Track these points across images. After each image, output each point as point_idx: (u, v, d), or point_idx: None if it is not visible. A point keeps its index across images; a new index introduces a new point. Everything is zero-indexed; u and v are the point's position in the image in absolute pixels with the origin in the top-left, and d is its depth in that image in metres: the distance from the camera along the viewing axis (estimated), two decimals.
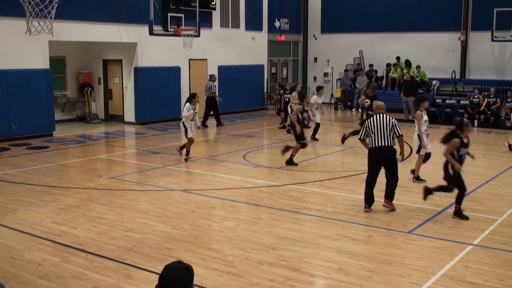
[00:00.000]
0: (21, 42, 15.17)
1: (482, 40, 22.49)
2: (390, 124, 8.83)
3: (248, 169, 12.25)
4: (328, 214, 8.71)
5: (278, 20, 26.21)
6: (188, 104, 12.84)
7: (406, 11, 24.49)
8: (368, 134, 8.94)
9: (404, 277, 6.25)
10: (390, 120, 8.86)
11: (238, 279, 6.18)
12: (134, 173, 12.36)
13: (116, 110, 20.22)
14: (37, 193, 10.07)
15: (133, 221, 8.35)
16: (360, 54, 25.69)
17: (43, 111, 16.33)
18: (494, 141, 16.35)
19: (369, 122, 8.99)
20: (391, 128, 8.81)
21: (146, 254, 6.97)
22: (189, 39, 17.82)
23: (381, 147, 8.80)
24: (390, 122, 8.84)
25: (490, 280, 6.15)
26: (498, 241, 7.45)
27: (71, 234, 7.76)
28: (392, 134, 8.81)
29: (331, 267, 6.54)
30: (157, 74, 19.53)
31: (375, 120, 8.93)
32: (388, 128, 8.81)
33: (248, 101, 22.97)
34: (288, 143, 13.29)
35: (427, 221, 8.35)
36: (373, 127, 8.87)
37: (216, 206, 9.36)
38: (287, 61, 27.61)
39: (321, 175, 11.65)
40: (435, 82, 23.15)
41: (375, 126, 8.86)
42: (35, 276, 6.29)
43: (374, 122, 8.91)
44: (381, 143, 8.78)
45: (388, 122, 8.83)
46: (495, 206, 9.19)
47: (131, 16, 18.28)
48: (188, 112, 12.78)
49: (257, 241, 7.43)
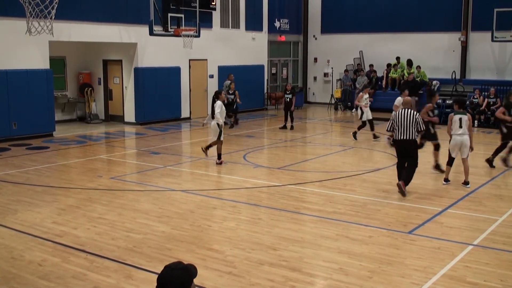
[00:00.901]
0: (21, 42, 15.17)
1: (482, 40, 22.49)
2: (413, 119, 9.66)
3: (248, 169, 12.25)
4: (329, 215, 8.71)
5: (278, 21, 26.22)
6: (219, 102, 12.42)
7: (406, 11, 24.49)
8: (394, 126, 9.80)
9: (405, 277, 6.25)
10: (414, 116, 9.69)
11: (238, 280, 6.18)
12: (134, 173, 12.36)
13: (116, 111, 20.23)
14: (38, 194, 10.07)
15: (134, 221, 8.35)
16: (360, 54, 25.69)
17: (43, 111, 16.33)
18: (494, 142, 16.30)
19: (395, 116, 9.83)
20: (415, 123, 9.64)
21: (146, 254, 6.97)
22: (189, 40, 17.83)
23: (404, 140, 9.72)
24: (414, 118, 9.67)
25: (491, 280, 6.15)
26: (498, 241, 7.45)
27: (71, 234, 7.76)
28: (415, 128, 9.65)
29: (332, 267, 6.54)
30: (157, 74, 19.53)
31: (400, 114, 9.77)
32: (412, 123, 9.63)
33: (248, 101, 22.94)
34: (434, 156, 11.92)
35: (427, 221, 8.34)
36: (398, 121, 9.73)
37: (216, 206, 9.36)
38: (287, 61, 27.62)
39: (321, 175, 11.65)
40: (435, 83, 23.15)
41: (400, 120, 9.71)
42: (35, 277, 6.29)
43: (399, 116, 9.76)
44: (404, 137, 9.69)
45: (412, 117, 9.67)
46: (495, 206, 9.18)
47: (131, 16, 18.29)
48: (222, 109, 12.38)
49: (257, 241, 7.43)
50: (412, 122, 9.65)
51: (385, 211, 8.88)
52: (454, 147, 10.40)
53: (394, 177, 11.43)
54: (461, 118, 10.27)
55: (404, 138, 9.67)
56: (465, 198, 9.69)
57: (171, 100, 19.99)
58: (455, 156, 10.48)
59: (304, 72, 28.08)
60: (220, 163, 12.52)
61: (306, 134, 18.14)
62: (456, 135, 10.30)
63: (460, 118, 10.28)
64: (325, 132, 18.59)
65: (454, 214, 8.77)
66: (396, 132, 9.78)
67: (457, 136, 10.28)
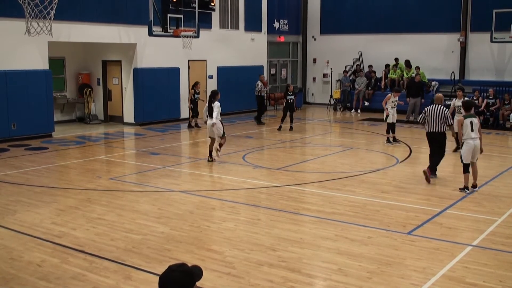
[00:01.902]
0: (20, 42, 15.16)
1: (481, 41, 22.50)
2: (443, 114, 10.84)
3: (247, 170, 12.25)
4: (328, 215, 8.72)
5: (278, 21, 26.22)
6: (217, 103, 12.74)
7: (405, 12, 24.50)
8: (425, 120, 10.99)
9: (404, 278, 6.25)
10: (443, 111, 10.86)
11: (237, 280, 6.18)
12: (133, 174, 12.36)
13: (115, 111, 20.22)
14: (37, 194, 10.06)
15: (133, 222, 8.35)
16: (359, 55, 25.71)
17: (43, 112, 16.32)
18: (493, 142, 16.36)
19: (427, 110, 11.00)
20: (444, 118, 10.81)
21: (146, 255, 6.97)
22: (189, 40, 17.83)
23: (434, 132, 10.96)
24: (443, 113, 10.85)
25: (490, 281, 6.16)
26: (497, 242, 7.46)
27: (70, 235, 7.76)
28: (444, 122, 10.82)
29: (331, 268, 6.54)
30: (157, 75, 19.53)
31: (431, 109, 10.94)
32: (441, 118, 10.81)
33: (247, 102, 22.92)
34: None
35: (426, 222, 8.35)
36: (429, 115, 10.93)
37: (216, 207, 9.36)
38: (286, 62, 27.62)
39: (320, 176, 11.65)
40: (434, 83, 23.17)
41: (431, 114, 10.91)
42: (34, 277, 6.28)
43: (430, 111, 10.94)
44: (434, 129, 10.92)
45: (441, 113, 10.84)
46: (494, 207, 9.19)
47: (130, 17, 18.29)
48: (219, 109, 12.73)
49: (257, 242, 7.43)
50: (442, 117, 10.80)
51: (384, 211, 8.88)
52: (468, 152, 9.97)
53: (393, 177, 11.47)
54: (472, 122, 10.00)
55: (434, 130, 10.91)
56: (464, 199, 9.70)
57: (170, 100, 19.99)
58: (469, 161, 10.04)
59: (303, 73, 28.08)
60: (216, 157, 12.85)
61: (305, 135, 18.14)
62: (470, 140, 9.97)
63: (471, 122, 10.00)
64: (324, 133, 18.60)
65: (453, 215, 8.77)
66: (428, 125, 10.99)
67: (470, 141, 9.98)
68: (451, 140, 12.91)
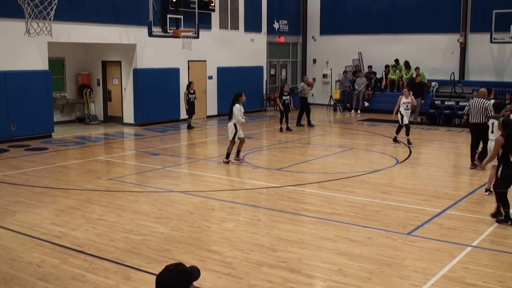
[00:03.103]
0: (20, 43, 15.16)
1: (481, 41, 22.51)
2: (484, 107, 11.53)
3: (247, 171, 12.25)
4: (327, 216, 8.71)
5: (277, 22, 26.22)
6: (238, 105, 12.70)
7: (405, 12, 24.50)
8: (469, 112, 11.97)
9: (404, 278, 6.25)
10: (484, 104, 11.55)
11: (237, 281, 6.18)
12: (133, 174, 12.35)
13: (115, 112, 20.21)
14: (36, 195, 10.06)
15: (133, 222, 8.35)
16: (359, 56, 25.71)
17: (42, 112, 16.31)
18: None
19: (471, 103, 11.95)
20: (485, 110, 11.48)
21: (146, 255, 6.97)
22: (188, 41, 17.83)
23: (476, 124, 11.73)
24: (484, 106, 11.54)
25: (489, 281, 6.16)
26: (497, 243, 7.46)
27: (70, 235, 7.75)
28: (485, 115, 11.39)
29: (331, 268, 6.54)
30: (156, 76, 19.53)
31: (474, 102, 11.80)
32: (483, 110, 11.51)
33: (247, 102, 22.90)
34: None
35: (426, 222, 8.35)
36: (472, 108, 11.80)
37: (215, 207, 9.35)
38: (286, 62, 27.62)
39: (320, 177, 11.65)
40: (434, 84, 23.18)
41: (473, 107, 11.75)
42: (34, 278, 6.28)
43: (473, 104, 11.80)
44: (476, 121, 11.70)
45: (483, 106, 11.56)
46: (494, 208, 9.16)
47: (130, 17, 18.28)
48: (241, 112, 12.65)
49: (257, 242, 7.43)
50: (483, 109, 11.51)
51: (384, 212, 8.88)
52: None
53: (393, 178, 11.47)
54: (493, 123, 10.06)
55: (476, 122, 11.68)
56: (464, 200, 9.70)
57: (170, 101, 19.98)
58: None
59: (303, 73, 28.04)
60: (227, 162, 12.70)
61: (305, 135, 18.14)
62: (491, 141, 9.94)
63: (492, 123, 10.11)
64: (324, 133, 18.59)
65: (453, 216, 8.77)
66: (470, 117, 11.96)
67: (489, 142, 10.06)
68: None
